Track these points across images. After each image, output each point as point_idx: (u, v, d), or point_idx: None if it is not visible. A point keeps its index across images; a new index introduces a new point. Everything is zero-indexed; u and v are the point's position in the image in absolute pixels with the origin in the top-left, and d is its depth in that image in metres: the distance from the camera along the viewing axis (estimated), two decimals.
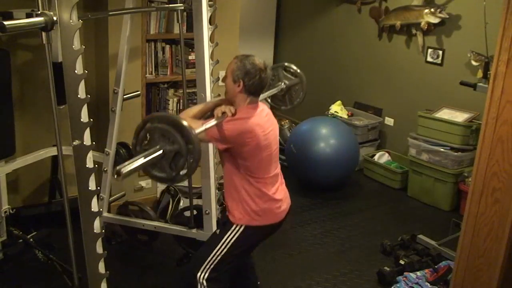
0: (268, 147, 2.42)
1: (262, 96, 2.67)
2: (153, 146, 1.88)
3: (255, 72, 2.34)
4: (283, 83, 3.11)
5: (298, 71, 3.11)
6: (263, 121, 2.41)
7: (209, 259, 2.43)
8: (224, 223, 2.50)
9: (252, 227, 2.44)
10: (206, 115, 2.48)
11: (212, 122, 2.25)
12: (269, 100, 3.16)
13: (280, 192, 2.53)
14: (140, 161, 1.80)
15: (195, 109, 2.50)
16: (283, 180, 2.61)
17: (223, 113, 2.32)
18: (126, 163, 1.76)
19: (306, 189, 4.67)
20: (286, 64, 3.15)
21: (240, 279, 2.72)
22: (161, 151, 1.86)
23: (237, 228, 2.44)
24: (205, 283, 2.43)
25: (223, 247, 2.43)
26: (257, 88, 2.37)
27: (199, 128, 2.14)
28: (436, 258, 3.52)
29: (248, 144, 2.33)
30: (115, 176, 1.71)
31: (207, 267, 2.43)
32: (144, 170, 1.92)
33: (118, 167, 1.71)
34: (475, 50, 4.13)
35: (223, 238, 2.44)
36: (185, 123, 1.87)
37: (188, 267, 2.53)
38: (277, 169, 2.54)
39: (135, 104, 3.70)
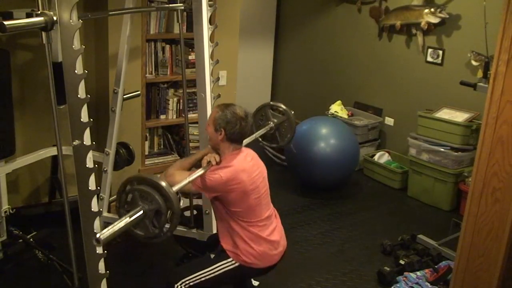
0: (256, 191, 2.44)
1: (251, 137, 2.76)
2: (134, 207, 1.91)
3: (235, 121, 2.39)
4: (271, 122, 3.15)
5: (285, 108, 3.15)
6: (248, 165, 2.45)
7: (192, 276, 2.44)
8: (222, 251, 2.50)
9: (246, 268, 2.46)
10: (195, 165, 2.54)
11: (197, 172, 2.30)
12: (260, 140, 3.20)
13: (275, 233, 2.54)
14: (121, 224, 1.82)
15: (183, 161, 2.57)
16: (279, 220, 2.63)
17: (208, 162, 2.37)
18: (107, 228, 1.76)
19: (306, 189, 4.67)
20: (272, 103, 3.21)
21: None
22: (141, 212, 1.89)
23: (231, 262, 2.46)
24: None
25: (210, 272, 2.45)
26: (237, 136, 2.43)
27: (184, 180, 2.19)
28: (436, 258, 3.52)
29: (234, 190, 2.37)
30: (96, 244, 1.72)
31: (187, 282, 2.43)
32: (128, 230, 1.95)
33: (98, 234, 1.71)
34: (475, 50, 4.13)
35: (214, 264, 2.46)
36: (161, 182, 1.90)
37: (171, 275, 2.56)
38: (269, 211, 2.56)
39: (135, 104, 3.70)
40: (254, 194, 2.43)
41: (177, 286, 2.43)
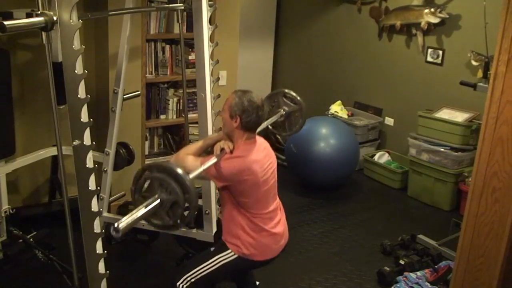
0: (266, 182, 2.43)
1: (262, 125, 2.71)
2: (152, 194, 1.87)
3: (252, 110, 2.34)
4: (282, 110, 3.14)
5: (298, 98, 3.13)
6: (261, 156, 2.43)
7: (193, 271, 2.44)
8: (222, 245, 2.50)
9: (246, 259, 2.44)
10: (206, 151, 2.51)
11: (211, 160, 2.28)
12: (270, 127, 3.18)
13: (279, 226, 2.53)
14: (138, 213, 1.78)
15: (194, 146, 2.52)
16: (283, 213, 2.62)
17: (222, 149, 2.35)
18: (125, 217, 1.73)
19: (306, 189, 4.67)
20: (285, 90, 3.19)
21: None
22: (158, 200, 1.85)
23: (230, 254, 2.45)
24: None
25: (211, 265, 2.44)
26: (253, 125, 2.39)
27: (198, 168, 2.16)
28: (436, 258, 3.52)
29: (246, 181, 2.35)
30: (114, 233, 1.67)
31: (188, 278, 2.43)
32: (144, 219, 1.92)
33: (116, 223, 1.66)
34: (475, 50, 4.13)
35: (214, 257, 2.46)
36: (182, 173, 1.85)
37: (172, 273, 2.55)
38: (275, 203, 2.54)
39: (135, 104, 3.70)
40: (264, 185, 2.41)
41: (179, 285, 2.42)
